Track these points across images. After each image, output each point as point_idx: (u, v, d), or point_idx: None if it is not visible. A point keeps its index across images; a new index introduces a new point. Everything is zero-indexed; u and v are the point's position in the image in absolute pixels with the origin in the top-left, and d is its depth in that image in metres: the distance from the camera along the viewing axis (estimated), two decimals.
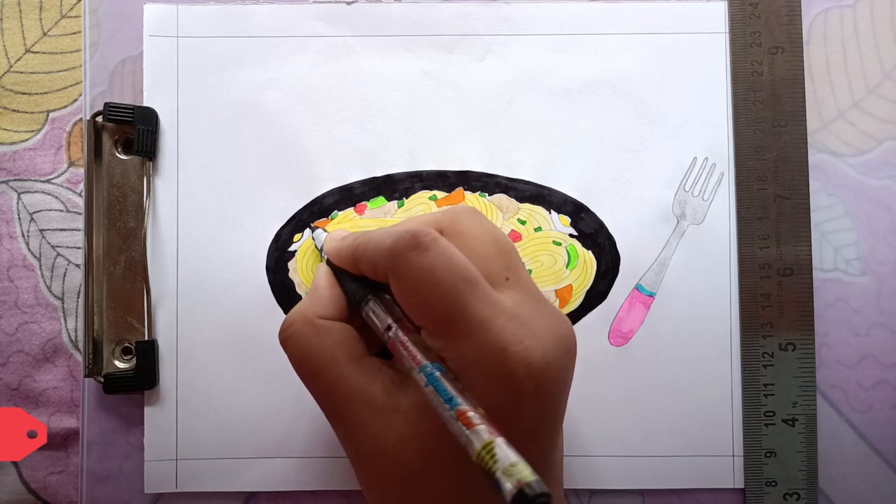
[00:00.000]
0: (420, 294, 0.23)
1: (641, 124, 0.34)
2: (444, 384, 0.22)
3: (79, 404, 0.33)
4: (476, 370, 0.22)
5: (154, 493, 0.33)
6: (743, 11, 0.34)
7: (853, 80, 0.34)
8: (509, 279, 0.24)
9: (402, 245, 0.23)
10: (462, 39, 0.34)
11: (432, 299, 0.22)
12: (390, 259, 0.23)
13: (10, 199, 0.34)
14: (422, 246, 0.22)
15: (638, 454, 0.33)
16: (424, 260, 0.22)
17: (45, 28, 0.34)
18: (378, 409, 0.23)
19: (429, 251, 0.22)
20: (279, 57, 0.34)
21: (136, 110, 0.33)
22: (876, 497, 0.33)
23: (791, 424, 0.32)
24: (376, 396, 0.24)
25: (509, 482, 0.18)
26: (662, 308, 0.33)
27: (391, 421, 0.23)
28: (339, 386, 0.24)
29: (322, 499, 0.33)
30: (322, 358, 0.24)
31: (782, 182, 0.33)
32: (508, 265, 0.25)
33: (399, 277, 0.23)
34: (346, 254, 0.26)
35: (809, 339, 0.33)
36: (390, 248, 0.23)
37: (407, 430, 0.23)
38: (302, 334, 0.25)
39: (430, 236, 0.23)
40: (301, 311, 0.26)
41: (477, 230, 0.25)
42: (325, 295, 0.26)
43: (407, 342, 0.23)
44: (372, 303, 0.25)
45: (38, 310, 0.33)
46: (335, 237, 0.28)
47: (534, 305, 0.24)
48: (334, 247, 0.27)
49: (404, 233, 0.23)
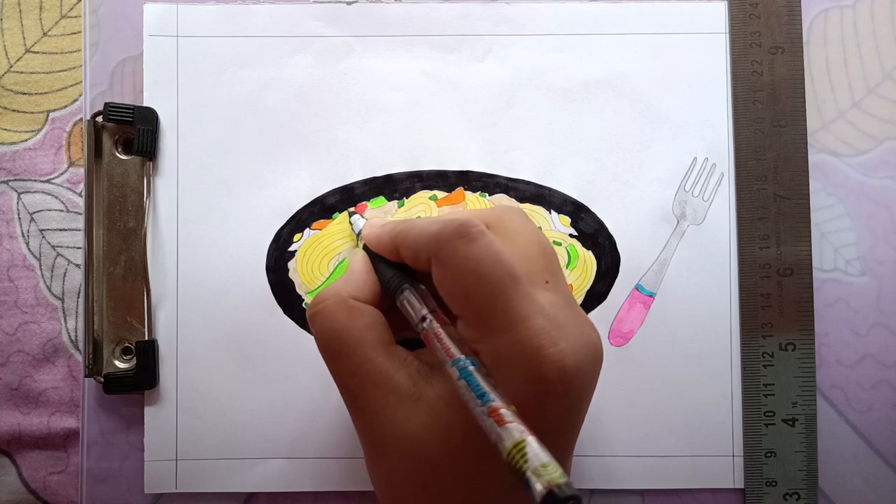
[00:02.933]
0: (463, 283, 0.22)
1: (641, 124, 0.34)
2: (477, 379, 0.21)
3: (79, 404, 0.33)
4: (509, 366, 0.22)
5: (154, 493, 0.33)
6: (743, 11, 0.34)
7: (853, 80, 0.34)
8: (548, 282, 0.24)
9: (449, 232, 0.23)
10: (462, 39, 0.34)
11: (475, 290, 0.22)
12: (436, 245, 0.23)
13: (10, 199, 0.34)
14: (469, 236, 0.22)
15: (638, 454, 0.33)
16: (471, 250, 0.22)
17: (45, 28, 0.34)
18: (402, 397, 0.23)
19: (476, 242, 0.22)
20: (279, 57, 0.34)
21: (137, 110, 0.33)
22: (876, 497, 0.33)
23: (791, 424, 0.32)
24: (401, 383, 0.24)
25: (539, 482, 0.18)
26: (662, 308, 0.33)
27: (414, 410, 0.23)
28: (363, 368, 0.24)
29: (322, 499, 0.33)
30: (350, 338, 0.24)
31: (782, 182, 0.33)
32: (549, 268, 0.25)
33: (443, 264, 0.23)
34: (386, 240, 0.26)
35: (809, 339, 0.33)
36: (437, 234, 0.23)
37: (430, 420, 0.23)
38: (332, 311, 0.25)
39: (477, 228, 0.23)
40: (334, 289, 0.25)
41: (523, 230, 0.25)
42: (361, 278, 0.26)
43: (441, 334, 0.23)
44: (408, 292, 0.25)
45: (38, 310, 0.33)
46: (375, 223, 0.28)
47: (569, 310, 0.24)
48: (374, 233, 0.27)
49: (452, 221, 0.23)
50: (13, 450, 0.33)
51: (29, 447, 0.33)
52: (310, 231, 0.33)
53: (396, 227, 0.26)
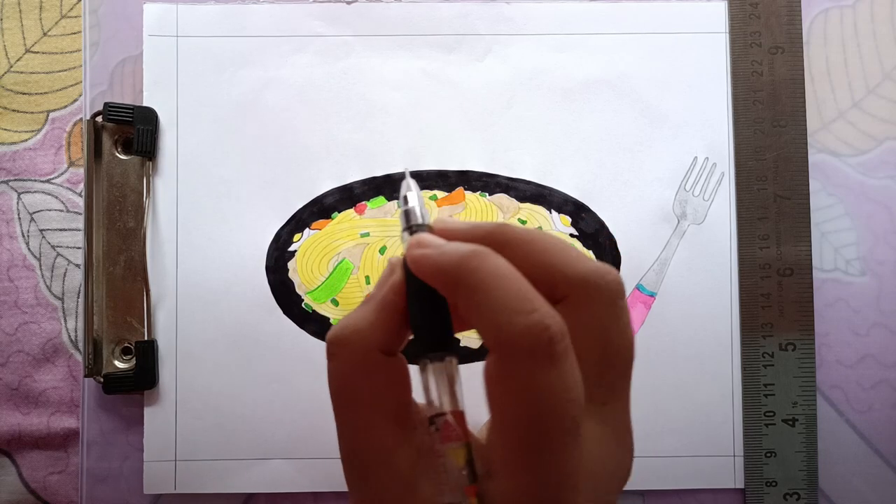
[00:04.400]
0: (519, 412, 0.18)
1: (641, 124, 0.34)
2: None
3: (79, 404, 0.33)
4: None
5: (153, 493, 0.32)
6: (743, 11, 0.34)
7: (853, 80, 0.34)
8: (606, 403, 0.21)
9: (530, 342, 0.17)
10: (462, 39, 0.34)
11: (530, 425, 0.18)
12: (510, 349, 0.18)
13: (10, 199, 0.34)
14: (554, 356, 0.17)
15: (638, 454, 0.33)
16: (545, 379, 0.17)
17: (45, 28, 0.34)
18: (395, 477, 0.20)
19: (555, 368, 0.17)
20: (279, 57, 0.34)
21: (136, 110, 0.32)
22: (876, 497, 0.33)
23: (791, 424, 0.32)
24: (399, 466, 0.20)
25: None
26: (663, 308, 0.33)
27: (404, 498, 0.20)
28: (365, 433, 0.21)
29: (321, 499, 0.33)
30: (362, 399, 0.20)
31: (782, 182, 0.33)
32: (615, 381, 0.21)
33: (509, 380, 0.18)
34: (444, 279, 0.19)
35: (809, 339, 0.33)
36: (521, 335, 0.17)
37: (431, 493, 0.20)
38: (351, 363, 0.20)
39: (564, 343, 0.18)
40: (360, 333, 0.20)
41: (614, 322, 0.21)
42: (394, 319, 0.21)
43: (444, 455, 0.20)
44: (433, 371, 0.20)
45: (38, 310, 0.33)
46: (429, 241, 0.20)
47: (614, 444, 0.21)
48: (429, 257, 0.20)
49: (537, 324, 0.17)
50: (13, 450, 0.33)
51: (29, 447, 0.33)
52: (309, 231, 0.33)
53: (471, 262, 0.19)
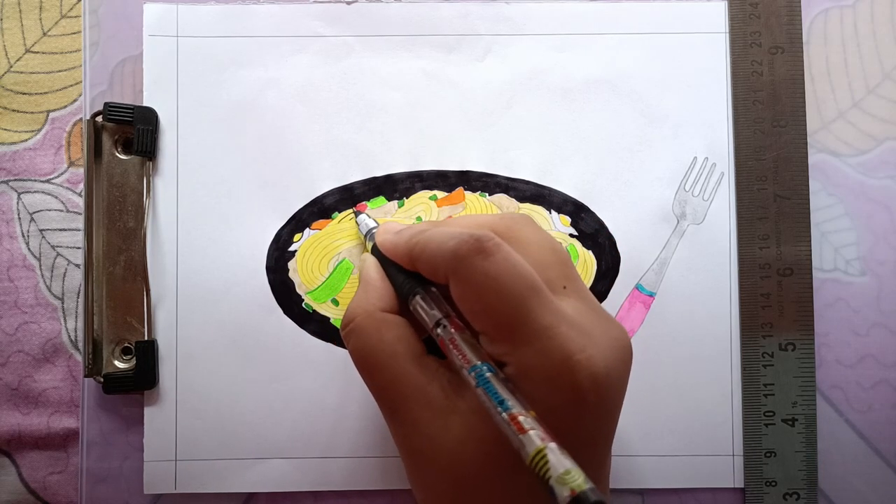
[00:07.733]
0: (484, 299, 0.22)
1: (641, 124, 0.34)
2: (495, 386, 0.21)
3: (79, 404, 0.33)
4: (538, 377, 0.22)
5: (153, 493, 0.32)
6: (743, 11, 0.34)
7: (853, 80, 0.34)
8: (566, 287, 0.24)
9: (466, 249, 0.22)
10: (462, 39, 0.34)
11: (496, 305, 0.22)
12: (454, 262, 0.23)
13: (10, 199, 0.34)
14: (486, 251, 0.22)
15: (638, 454, 0.33)
16: (489, 265, 0.22)
17: (45, 28, 0.34)
18: (436, 410, 0.23)
19: (493, 256, 0.22)
20: (279, 57, 0.34)
21: (136, 110, 0.33)
22: (876, 497, 0.33)
23: (791, 424, 0.32)
24: (435, 396, 0.23)
25: (564, 490, 0.18)
26: (662, 308, 0.33)
27: (448, 422, 0.23)
28: (398, 384, 0.24)
29: (321, 499, 0.33)
30: (384, 353, 0.24)
31: (782, 182, 0.33)
32: (566, 273, 0.24)
33: (462, 282, 0.23)
34: (402, 250, 0.26)
35: (809, 339, 0.33)
36: (454, 252, 0.23)
37: (465, 432, 0.23)
38: (364, 328, 0.25)
39: (493, 241, 0.22)
40: (361, 305, 0.25)
41: (535, 238, 0.25)
42: (380, 287, 0.26)
43: (457, 339, 0.23)
44: (419, 297, 0.25)
45: (38, 310, 0.33)
46: (389, 229, 0.28)
47: (593, 313, 0.23)
48: (388, 240, 0.27)
49: (468, 237, 0.22)
50: (13, 450, 0.33)
51: (29, 447, 0.33)
52: (310, 231, 0.33)
53: (412, 238, 0.25)
